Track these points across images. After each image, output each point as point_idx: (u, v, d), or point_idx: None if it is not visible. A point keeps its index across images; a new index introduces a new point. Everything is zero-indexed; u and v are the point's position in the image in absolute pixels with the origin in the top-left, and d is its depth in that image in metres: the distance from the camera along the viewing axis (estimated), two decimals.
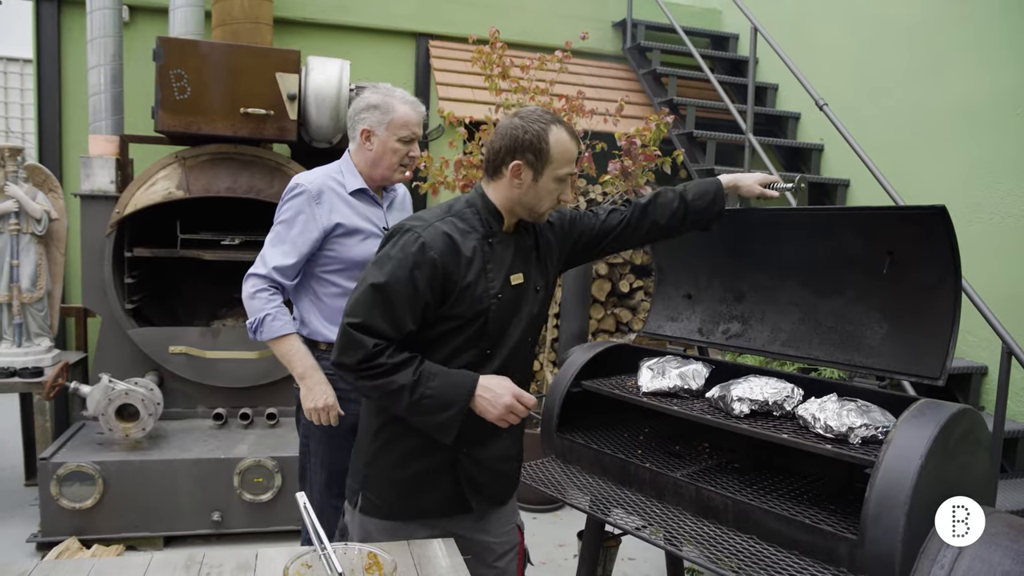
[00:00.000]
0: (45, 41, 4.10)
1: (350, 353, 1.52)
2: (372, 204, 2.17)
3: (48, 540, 3.13)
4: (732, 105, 3.82)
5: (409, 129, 2.08)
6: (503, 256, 1.62)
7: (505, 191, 1.60)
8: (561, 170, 1.58)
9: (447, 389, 1.53)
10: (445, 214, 1.60)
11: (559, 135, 1.57)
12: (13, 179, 3.42)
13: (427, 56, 4.73)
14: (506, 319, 1.63)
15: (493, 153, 1.60)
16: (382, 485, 1.67)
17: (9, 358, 3.46)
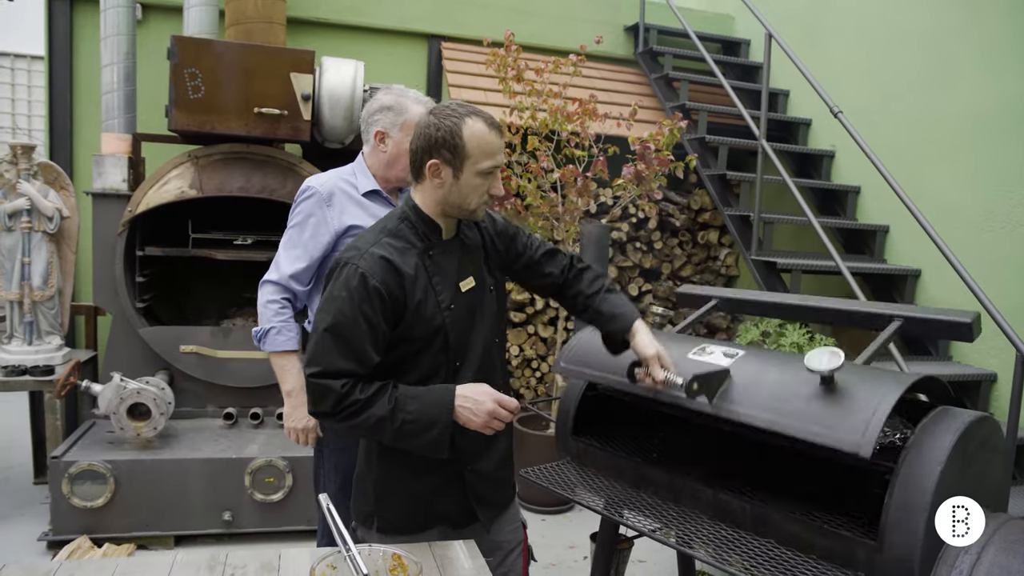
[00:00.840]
0: (57, 38, 4.10)
1: (322, 401, 1.47)
2: (386, 205, 2.16)
3: (59, 539, 3.13)
4: (745, 111, 3.82)
5: None
6: (446, 266, 1.58)
7: (430, 193, 1.55)
8: (481, 164, 1.51)
9: (427, 409, 1.50)
10: (380, 236, 1.55)
11: (474, 127, 1.49)
12: (25, 177, 3.43)
13: (439, 58, 4.74)
14: (466, 328, 1.60)
15: (412, 155, 1.55)
16: (398, 500, 1.65)
17: (20, 356, 3.47)
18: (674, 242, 4.97)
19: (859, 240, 4.14)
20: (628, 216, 4.69)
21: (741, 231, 3.87)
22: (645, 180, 3.50)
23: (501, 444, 1.73)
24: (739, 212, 3.89)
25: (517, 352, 4.62)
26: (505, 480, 1.77)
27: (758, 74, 5.04)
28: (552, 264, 1.82)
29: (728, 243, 5.04)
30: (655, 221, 4.77)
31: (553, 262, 1.82)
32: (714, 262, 5.10)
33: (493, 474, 1.72)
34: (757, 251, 3.67)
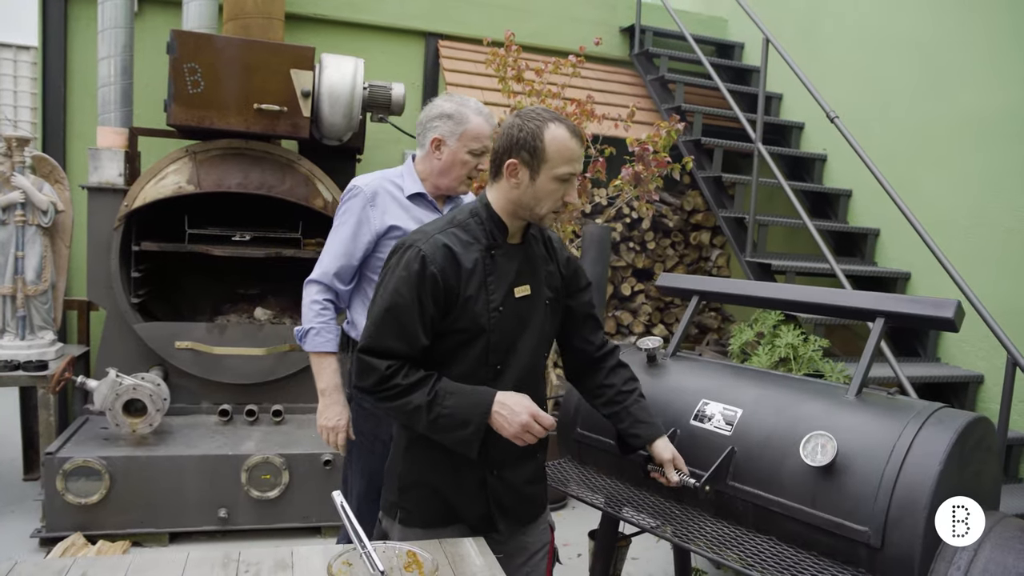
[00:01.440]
0: (51, 29, 4.06)
1: (365, 377, 1.54)
2: (430, 210, 2.17)
3: (52, 536, 3.11)
4: (741, 114, 3.86)
5: (481, 142, 2.09)
6: (506, 268, 1.59)
7: (504, 192, 1.57)
8: (559, 169, 1.52)
9: (464, 407, 1.52)
10: (447, 225, 1.58)
11: (556, 132, 1.51)
12: (20, 170, 3.39)
13: (436, 56, 4.74)
14: (513, 333, 1.61)
15: (494, 154, 1.59)
16: (421, 494, 1.67)
17: (12, 351, 3.43)
18: (667, 242, 5.02)
19: (850, 243, 4.20)
20: (622, 216, 4.72)
21: (735, 233, 3.92)
22: (643, 181, 3.53)
23: (534, 458, 1.75)
24: (734, 214, 3.94)
25: None
26: (534, 496, 1.77)
27: (751, 77, 5.09)
28: (595, 333, 1.84)
29: (720, 244, 5.09)
30: (648, 221, 4.81)
31: (597, 332, 1.85)
32: (705, 263, 5.15)
33: (521, 487, 1.72)
34: (752, 253, 3.71)
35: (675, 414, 2.13)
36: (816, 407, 1.91)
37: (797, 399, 1.98)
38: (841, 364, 3.04)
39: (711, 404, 2.07)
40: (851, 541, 1.72)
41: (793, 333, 3.10)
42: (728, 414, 2.02)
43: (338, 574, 1.38)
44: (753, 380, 2.15)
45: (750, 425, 1.95)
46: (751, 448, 1.92)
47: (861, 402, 1.89)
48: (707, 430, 2.02)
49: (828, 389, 2.00)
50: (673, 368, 2.35)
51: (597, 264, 3.21)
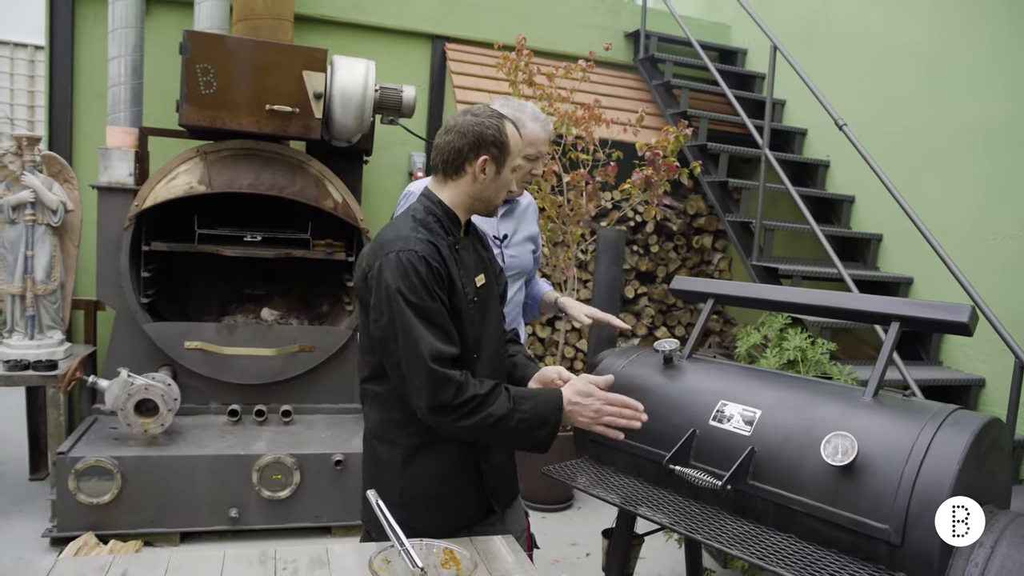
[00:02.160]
0: (59, 29, 4.05)
1: (441, 391, 1.48)
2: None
3: (64, 535, 3.11)
4: (748, 120, 3.91)
5: (536, 147, 2.14)
6: (467, 261, 1.66)
7: (466, 189, 1.63)
8: (516, 161, 1.67)
9: (540, 408, 1.57)
10: (417, 225, 1.59)
11: (512, 129, 1.65)
12: (30, 169, 3.39)
13: (443, 58, 4.76)
14: (480, 322, 1.67)
15: (454, 152, 1.60)
16: (423, 509, 1.67)
17: (22, 350, 3.43)
18: (669, 246, 5.06)
19: (853, 248, 4.25)
20: (627, 219, 4.76)
21: (741, 237, 3.96)
22: (653, 185, 3.57)
23: None
24: (740, 219, 3.98)
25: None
26: (513, 472, 1.86)
27: (754, 83, 5.15)
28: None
29: (721, 247, 5.14)
30: (652, 225, 4.85)
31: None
32: (707, 266, 5.20)
33: (506, 466, 1.80)
34: (758, 257, 3.76)
35: (694, 415, 2.16)
36: (834, 408, 1.95)
37: (815, 400, 2.01)
38: (849, 367, 3.09)
39: (730, 405, 2.11)
40: (871, 539, 1.75)
41: (801, 336, 3.14)
42: (747, 415, 2.05)
43: (379, 571, 1.40)
44: (770, 382, 2.18)
45: (769, 425, 1.99)
46: (770, 448, 1.95)
47: (878, 404, 1.93)
48: (726, 431, 2.05)
49: (844, 391, 2.04)
50: (690, 370, 2.38)
51: (611, 267, 3.25)
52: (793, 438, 1.94)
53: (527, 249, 2.39)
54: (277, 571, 1.51)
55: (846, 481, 1.80)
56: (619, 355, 2.64)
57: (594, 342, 3.39)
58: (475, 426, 1.52)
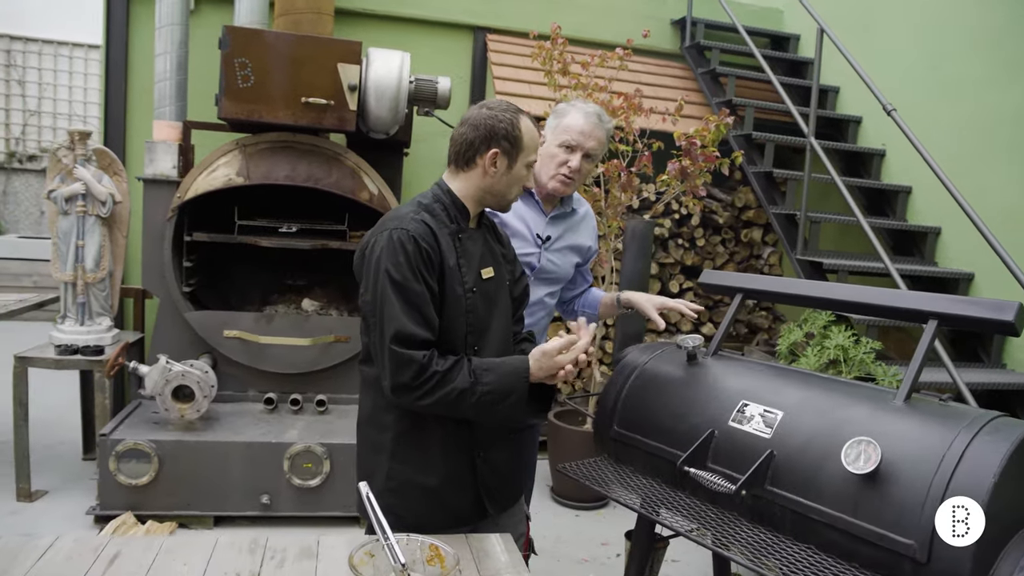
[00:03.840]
0: (114, 27, 4.21)
1: (402, 371, 1.49)
2: (535, 209, 2.17)
3: (106, 514, 3.23)
4: (794, 108, 3.74)
5: (570, 134, 2.07)
6: (472, 251, 1.64)
7: (477, 181, 1.62)
8: (531, 156, 1.64)
9: (504, 379, 1.54)
10: (419, 209, 1.60)
11: (527, 124, 1.63)
12: (81, 162, 3.52)
13: (484, 50, 4.73)
14: (485, 315, 1.64)
15: (466, 145, 1.61)
16: (411, 497, 1.64)
17: (72, 336, 3.57)
18: (717, 239, 4.90)
19: (908, 242, 4.02)
20: (671, 212, 4.64)
21: (786, 230, 3.79)
22: (690, 176, 3.45)
23: (515, 443, 1.78)
24: (784, 210, 3.81)
25: None
26: (516, 478, 1.81)
27: (806, 70, 4.93)
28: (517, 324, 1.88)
29: (772, 241, 4.95)
30: (698, 218, 4.71)
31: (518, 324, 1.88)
32: (757, 260, 5.02)
33: (503, 467, 1.75)
34: (803, 251, 3.59)
35: (713, 414, 2.06)
36: (861, 411, 1.83)
37: (842, 402, 1.89)
38: (895, 368, 2.91)
39: (751, 405, 2.01)
40: (895, 554, 1.63)
41: (844, 334, 2.98)
42: (768, 416, 1.95)
43: (359, 564, 1.38)
44: (797, 382, 2.07)
45: (791, 428, 1.88)
46: (791, 452, 1.85)
47: (910, 408, 1.80)
48: (746, 432, 1.96)
49: (876, 393, 1.91)
50: (713, 367, 2.28)
51: (638, 260, 3.15)
52: (815, 442, 1.83)
53: (570, 259, 2.30)
54: (265, 560, 1.51)
55: (869, 490, 1.68)
56: (643, 351, 2.56)
57: (620, 338, 3.30)
58: (438, 402, 1.52)
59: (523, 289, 1.86)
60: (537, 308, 2.28)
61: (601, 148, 2.15)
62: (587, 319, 2.53)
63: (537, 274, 2.22)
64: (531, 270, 2.20)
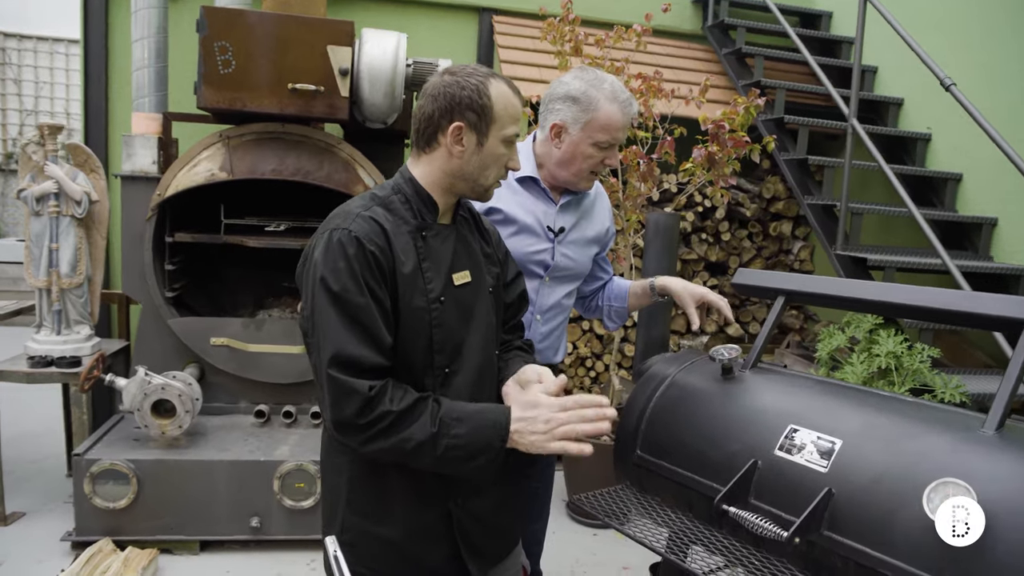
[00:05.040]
0: (93, 16, 3.94)
1: (343, 405, 1.20)
2: (542, 198, 1.87)
3: (83, 539, 2.97)
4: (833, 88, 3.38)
5: (610, 133, 1.77)
6: (441, 252, 1.34)
7: (442, 164, 1.33)
8: (507, 129, 1.33)
9: (477, 433, 1.23)
10: (370, 203, 1.32)
11: (500, 88, 1.31)
12: (53, 159, 3.25)
13: (491, 32, 4.42)
14: (457, 328, 1.34)
15: (425, 120, 1.31)
16: (371, 548, 1.33)
17: (48, 346, 3.31)
18: (743, 233, 4.56)
19: (959, 234, 3.66)
20: (694, 204, 4.30)
21: (823, 223, 3.45)
22: (718, 164, 3.12)
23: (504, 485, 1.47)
24: (822, 201, 3.46)
25: (571, 349, 4.30)
26: (504, 528, 1.48)
27: (840, 48, 4.56)
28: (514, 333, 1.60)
29: (803, 235, 4.60)
30: (723, 210, 4.38)
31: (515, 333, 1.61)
32: (786, 256, 4.67)
33: (490, 518, 1.42)
34: (843, 245, 3.24)
35: (755, 440, 1.74)
36: (942, 443, 1.50)
37: (916, 430, 1.56)
38: (956, 378, 2.56)
39: (801, 431, 1.68)
40: None
41: (895, 339, 2.64)
42: (824, 445, 1.62)
43: None
44: (855, 401, 1.74)
45: (853, 461, 1.55)
46: (854, 491, 1.52)
47: (1004, 440, 1.47)
48: (796, 464, 1.63)
49: (955, 418, 1.58)
50: (753, 383, 1.96)
51: (663, 257, 2.82)
52: (885, 480, 1.50)
53: (587, 252, 1.99)
54: None
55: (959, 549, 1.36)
56: (670, 361, 2.23)
57: (642, 345, 2.97)
58: (391, 450, 1.22)
59: (519, 295, 1.55)
60: (555, 312, 1.97)
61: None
62: (615, 313, 2.22)
63: (552, 272, 1.91)
64: (544, 269, 1.89)
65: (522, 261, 1.86)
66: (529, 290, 1.90)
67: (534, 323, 1.93)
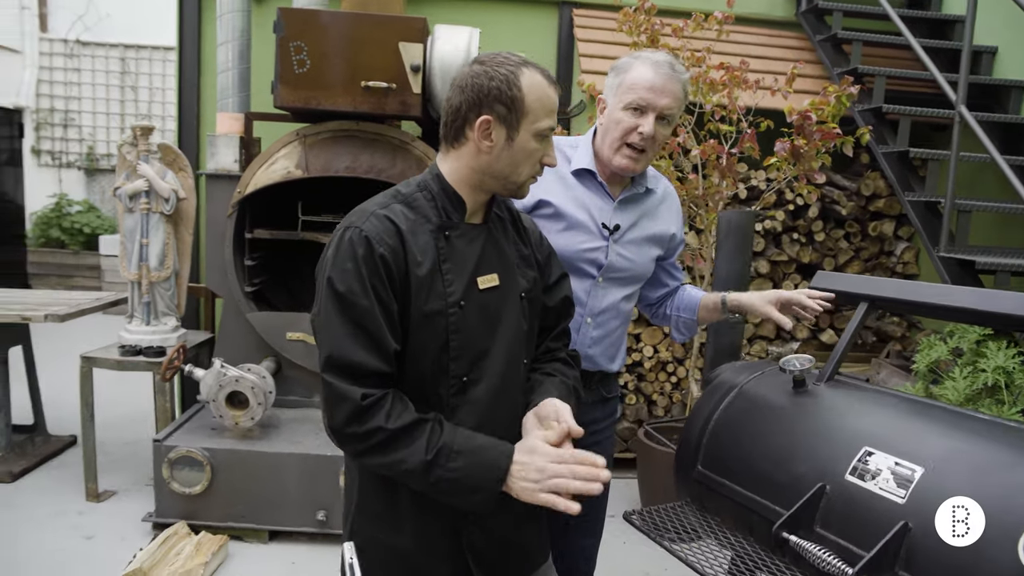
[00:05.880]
0: (187, 25, 4.12)
1: (334, 410, 1.16)
2: (599, 193, 1.77)
3: (162, 521, 3.10)
4: (939, 73, 3.07)
5: (637, 93, 1.64)
6: (466, 253, 1.27)
7: (470, 160, 1.25)
8: (541, 123, 1.24)
9: (474, 471, 1.16)
10: (390, 200, 1.26)
11: (533, 78, 1.23)
12: (145, 158, 3.42)
13: (571, 26, 4.32)
14: (478, 334, 1.26)
15: (452, 113, 1.25)
16: (381, 557, 1.29)
17: (138, 336, 3.49)
18: (839, 233, 4.25)
19: None
20: (784, 203, 4.04)
21: (926, 221, 3.14)
22: (804, 158, 2.89)
23: None
24: (924, 198, 3.16)
25: (651, 353, 4.14)
26: (525, 544, 1.37)
27: (952, 30, 4.17)
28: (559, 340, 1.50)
29: (907, 236, 4.24)
30: (816, 208, 4.09)
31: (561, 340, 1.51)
32: (888, 258, 4.32)
33: (508, 533, 1.32)
34: (948, 246, 2.94)
35: (825, 463, 1.58)
36: None
37: (1011, 459, 1.36)
38: None
39: (877, 455, 1.50)
40: None
41: (1005, 353, 2.36)
42: (902, 472, 1.44)
43: None
44: (943, 423, 1.55)
45: (935, 491, 1.37)
46: (935, 527, 1.34)
47: None
48: (869, 492, 1.46)
49: None
50: (827, 398, 1.78)
51: (736, 258, 2.63)
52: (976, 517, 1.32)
53: (647, 253, 1.85)
54: None
55: None
56: (740, 371, 2.07)
57: (712, 353, 2.79)
58: (384, 467, 1.17)
59: (562, 299, 1.45)
60: (610, 315, 1.85)
61: (679, 107, 1.68)
62: (684, 325, 2.08)
63: (606, 272, 1.79)
64: (598, 269, 1.78)
65: (573, 259, 1.75)
66: (580, 291, 1.79)
67: (584, 326, 1.82)
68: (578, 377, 1.46)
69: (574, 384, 1.42)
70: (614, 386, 2.00)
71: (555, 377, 1.38)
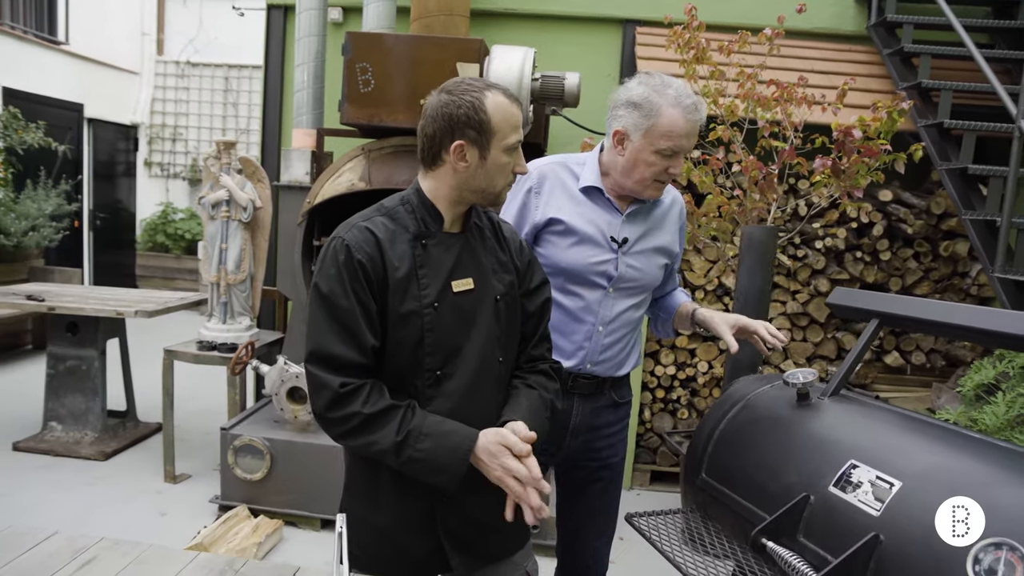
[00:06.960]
0: (272, 46, 4.48)
1: (316, 396, 1.34)
2: (606, 208, 1.87)
3: (227, 503, 3.37)
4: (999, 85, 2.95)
5: (672, 140, 1.72)
6: (441, 259, 1.39)
7: (448, 179, 1.38)
8: (509, 139, 1.36)
9: (439, 452, 1.30)
10: (375, 213, 1.41)
11: (496, 99, 1.34)
12: (227, 170, 3.74)
13: (634, 44, 4.39)
14: (452, 333, 1.38)
15: (428, 140, 1.37)
16: (363, 533, 1.44)
17: (214, 333, 3.80)
18: (908, 253, 4.10)
19: None
20: (847, 221, 3.95)
21: (985, 240, 3.01)
22: (847, 175, 2.85)
23: None
24: (982, 216, 3.03)
25: (706, 369, 4.13)
26: (499, 530, 1.43)
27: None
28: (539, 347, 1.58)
29: None
30: (881, 227, 3.97)
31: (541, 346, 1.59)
32: (962, 279, 4.13)
33: (481, 517, 1.43)
34: (1004, 266, 2.82)
35: (812, 474, 1.60)
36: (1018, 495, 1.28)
37: (990, 477, 1.35)
38: None
39: (861, 468, 1.52)
40: None
41: None
42: (881, 486, 1.45)
43: None
44: (933, 439, 1.54)
45: (909, 506, 1.38)
46: (905, 539, 1.35)
47: None
48: (847, 503, 1.48)
49: None
50: (828, 411, 1.79)
51: (755, 274, 2.61)
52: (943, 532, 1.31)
53: (655, 262, 1.93)
54: None
55: None
56: (752, 383, 2.10)
57: (730, 366, 2.77)
58: (361, 448, 1.32)
59: (542, 304, 1.55)
60: (620, 324, 1.93)
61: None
62: (660, 324, 2.15)
63: (616, 284, 1.87)
64: (608, 280, 1.87)
65: (584, 272, 1.85)
66: (592, 301, 1.88)
67: (596, 335, 1.90)
68: (558, 390, 1.57)
69: (552, 398, 1.52)
70: (626, 391, 2.07)
71: (534, 390, 1.48)
